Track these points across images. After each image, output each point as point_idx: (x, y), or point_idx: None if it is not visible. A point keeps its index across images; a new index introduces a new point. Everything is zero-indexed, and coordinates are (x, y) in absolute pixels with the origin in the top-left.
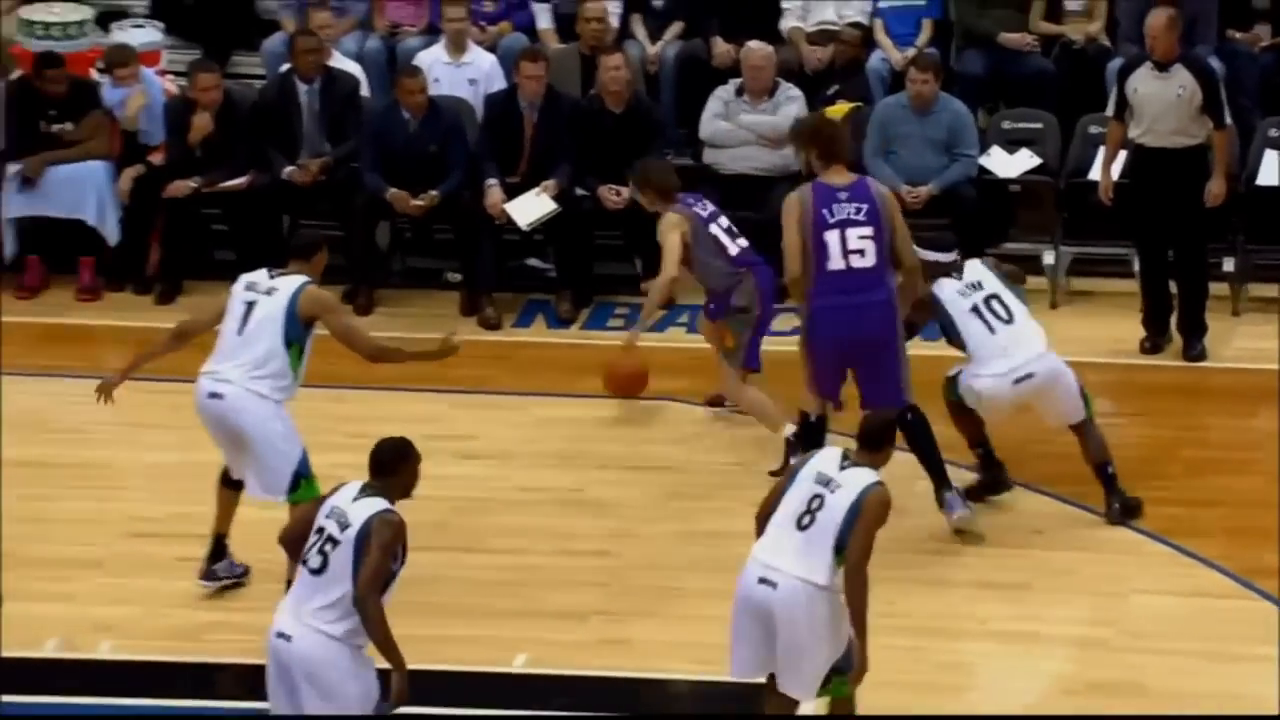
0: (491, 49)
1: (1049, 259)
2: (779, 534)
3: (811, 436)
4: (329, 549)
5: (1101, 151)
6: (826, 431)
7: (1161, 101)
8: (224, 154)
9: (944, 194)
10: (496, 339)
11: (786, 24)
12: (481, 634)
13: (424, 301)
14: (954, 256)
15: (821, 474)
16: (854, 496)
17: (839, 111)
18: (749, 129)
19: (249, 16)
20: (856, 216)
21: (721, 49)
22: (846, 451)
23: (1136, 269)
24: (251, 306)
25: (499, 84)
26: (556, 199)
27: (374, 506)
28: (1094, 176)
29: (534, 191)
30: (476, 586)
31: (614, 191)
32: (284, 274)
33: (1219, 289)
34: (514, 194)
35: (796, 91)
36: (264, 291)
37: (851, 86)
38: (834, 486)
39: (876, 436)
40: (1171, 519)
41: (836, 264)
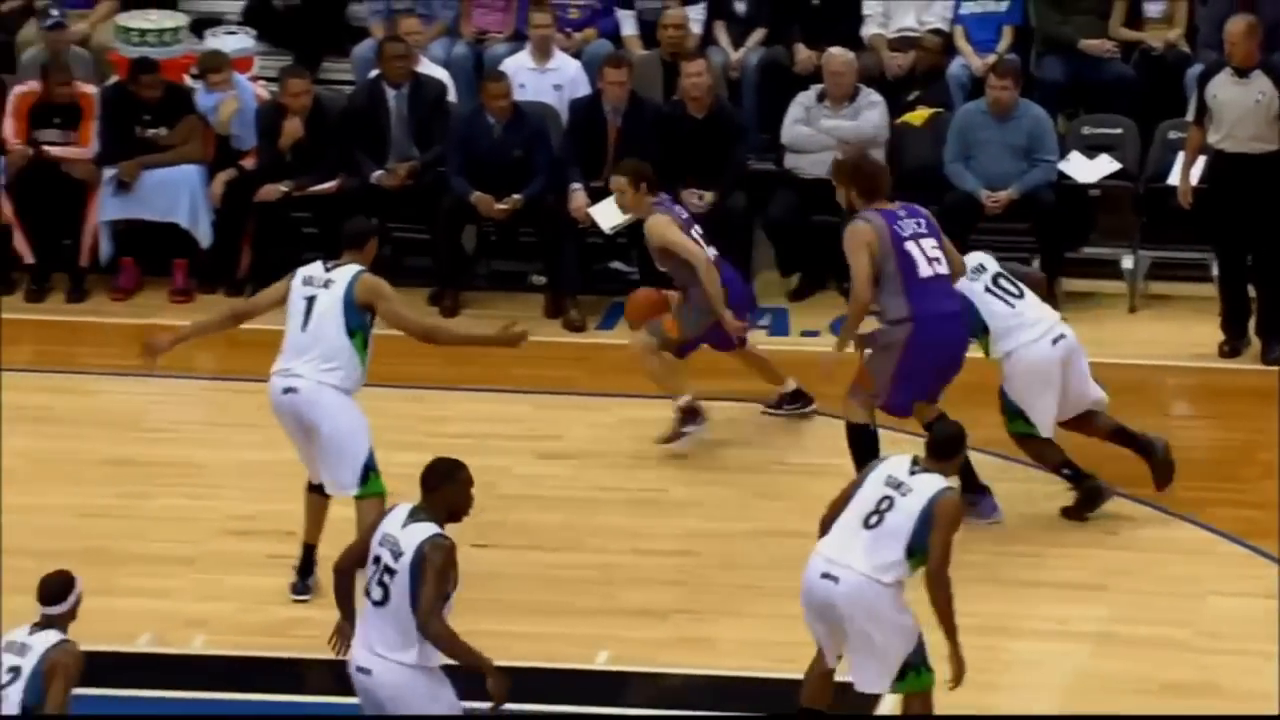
0: (576, 55)
1: (1128, 263)
2: (844, 532)
3: (869, 445)
4: (388, 579)
5: (1180, 157)
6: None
7: (1240, 107)
8: (314, 158)
9: (1024, 199)
10: (580, 341)
11: (868, 30)
12: (563, 631)
13: (509, 304)
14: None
15: (892, 477)
16: (925, 501)
17: (919, 117)
18: (829, 134)
19: (339, 23)
20: (920, 229)
21: (803, 55)
22: (916, 457)
23: (1215, 273)
24: (312, 301)
25: (583, 90)
26: None
27: (425, 532)
28: (1173, 181)
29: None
30: (558, 584)
31: (697, 195)
32: (338, 265)
33: None
34: (597, 198)
35: (877, 97)
36: (321, 285)
37: (932, 92)
38: (905, 490)
39: (946, 446)
40: (1248, 521)
41: (925, 271)
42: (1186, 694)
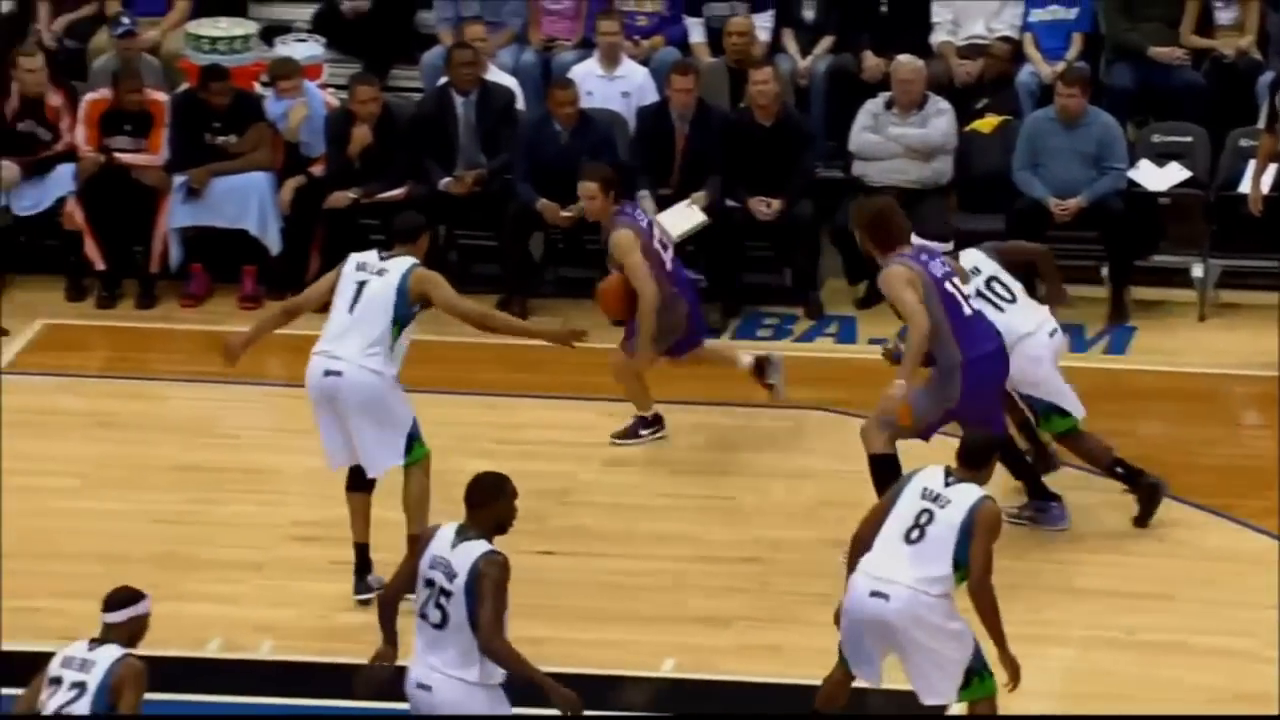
0: (644, 62)
1: (1198, 272)
2: (886, 548)
3: (894, 475)
4: (444, 602)
5: (1251, 164)
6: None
7: None
8: (382, 165)
9: (1093, 207)
10: None
11: (937, 38)
12: (629, 638)
13: (576, 311)
14: (950, 246)
15: (929, 490)
16: (965, 511)
17: (987, 125)
18: (897, 141)
19: (408, 30)
20: (948, 268)
21: (872, 63)
22: (949, 468)
23: None
24: (363, 286)
25: (651, 97)
26: (706, 210)
27: (477, 550)
28: (1244, 189)
29: (684, 203)
30: (625, 591)
31: (764, 203)
32: (392, 256)
33: None
34: (665, 205)
35: (946, 105)
36: (375, 272)
37: (1000, 100)
38: (943, 502)
39: (979, 455)
40: None
41: (967, 311)
42: (1258, 704)
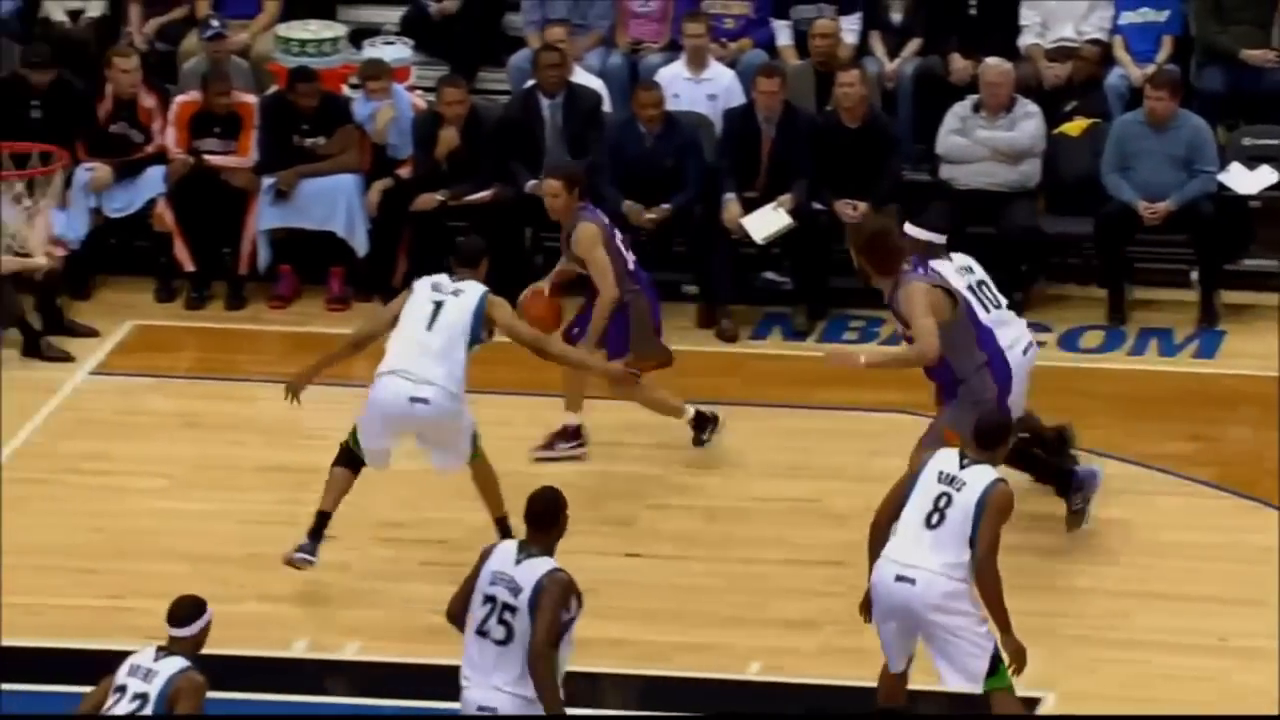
0: (731, 65)
1: None
2: (908, 533)
3: None
4: (510, 617)
5: None
6: None
7: None
8: (469, 168)
9: (1182, 210)
10: (733, 350)
11: (1025, 41)
12: (715, 641)
13: (663, 313)
14: (944, 239)
15: (945, 473)
16: (979, 492)
17: (1076, 128)
18: (985, 145)
19: (496, 33)
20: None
21: (959, 65)
22: (963, 450)
23: None
24: (440, 306)
25: (738, 99)
26: (793, 213)
27: (542, 567)
28: None
29: (770, 206)
30: (711, 594)
31: (851, 206)
32: (462, 279)
33: None
34: (751, 208)
35: (1034, 107)
36: (450, 293)
37: (1089, 103)
38: (959, 484)
39: (992, 436)
40: None
41: (984, 316)
42: None
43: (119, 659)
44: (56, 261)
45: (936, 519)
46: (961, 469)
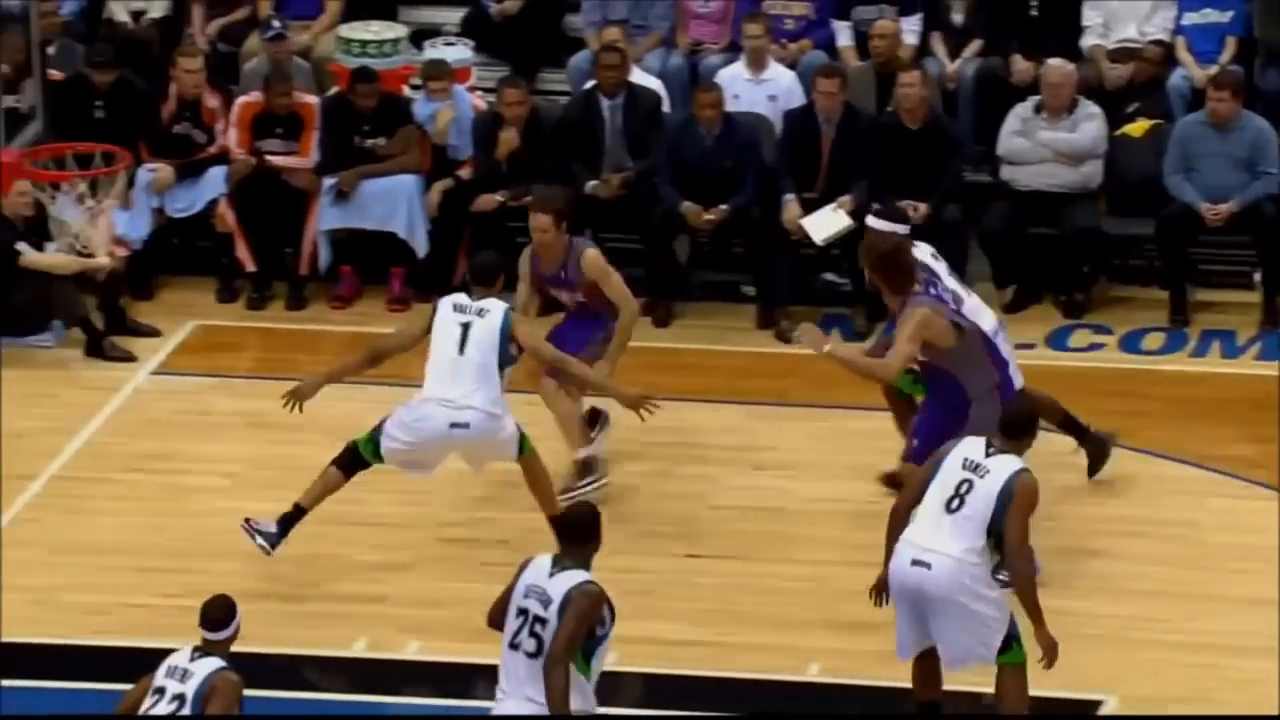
0: (792, 66)
1: None
2: (928, 518)
3: None
4: (540, 629)
5: None
6: None
7: None
8: (529, 168)
9: (1245, 212)
10: (792, 352)
11: (1087, 41)
12: (775, 642)
13: (721, 315)
14: (907, 230)
15: (969, 460)
16: (1003, 481)
17: (1138, 129)
18: (1047, 146)
19: (556, 34)
20: (952, 287)
21: (1021, 66)
22: (990, 439)
23: None
24: (467, 328)
25: (798, 100)
26: (852, 214)
27: (574, 578)
28: None
29: (830, 207)
30: (772, 595)
31: (911, 207)
32: (483, 297)
33: None
34: (811, 209)
35: (1096, 109)
36: (475, 313)
37: (1151, 104)
38: (982, 472)
39: (1020, 426)
40: None
41: (989, 323)
42: None
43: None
44: (119, 261)
45: (957, 504)
46: (987, 457)
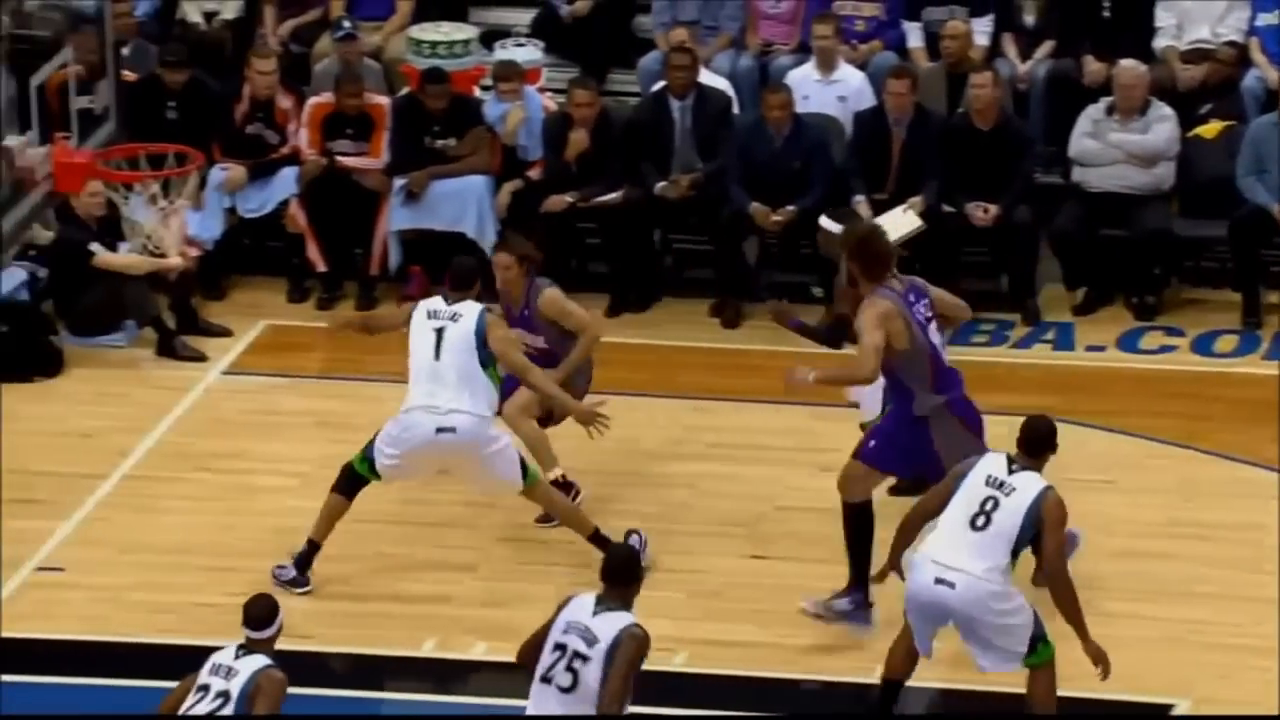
0: (862, 67)
1: None
2: (950, 534)
3: (869, 520)
4: (578, 665)
5: None
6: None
7: None
8: (599, 169)
9: None
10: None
11: (1160, 43)
12: (841, 644)
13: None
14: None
15: (993, 477)
16: (1030, 499)
17: (1211, 131)
18: (1119, 147)
19: (626, 35)
20: (929, 314)
21: (1093, 67)
22: (1010, 455)
23: None
24: (441, 333)
25: (868, 101)
26: (923, 215)
27: (623, 620)
28: None
29: (901, 208)
30: None
31: (981, 208)
32: (458, 300)
33: None
34: (881, 210)
35: (1168, 110)
36: (448, 318)
37: (1225, 105)
38: (1008, 490)
39: (1042, 441)
40: None
41: (945, 357)
42: None
43: None
44: (191, 262)
45: (982, 521)
46: (1010, 474)
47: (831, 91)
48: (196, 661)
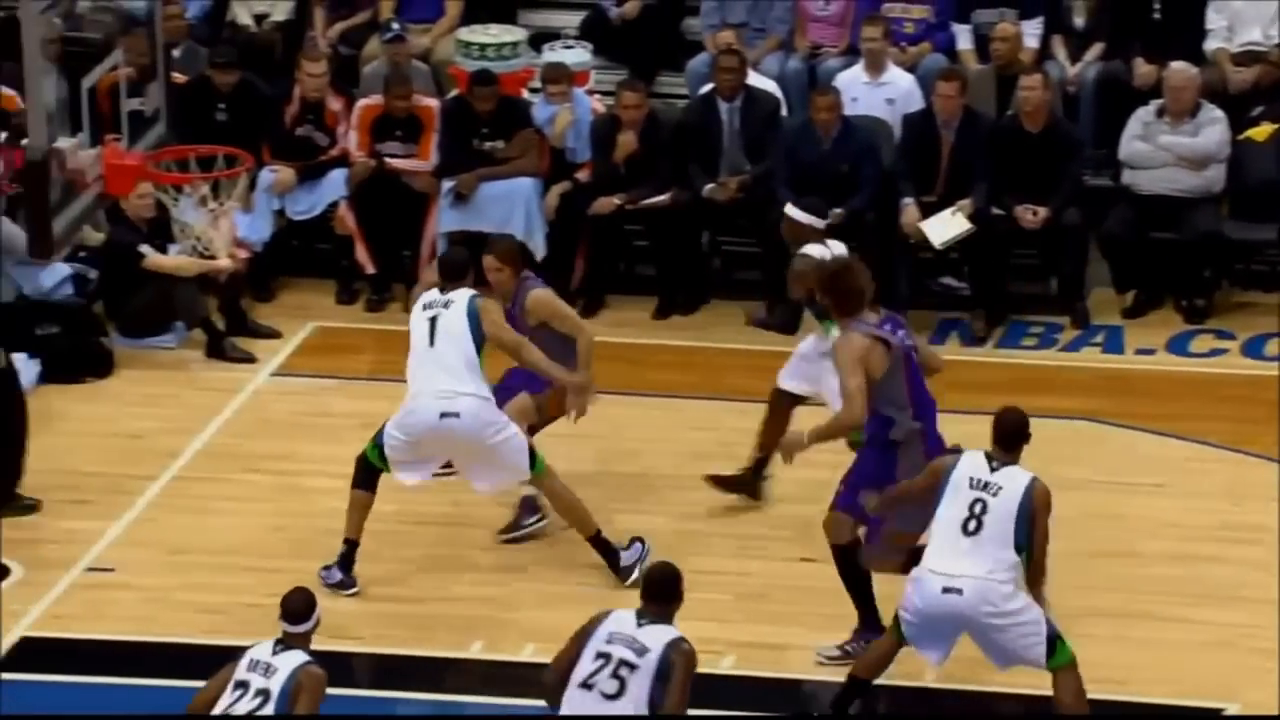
0: (911, 69)
1: None
2: (946, 544)
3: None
4: (625, 673)
5: None
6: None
7: None
8: (647, 171)
9: None
10: None
11: (1211, 45)
12: None
13: None
14: (825, 224)
15: (975, 479)
16: (1020, 495)
17: (1262, 133)
18: (1169, 150)
19: (675, 37)
20: (910, 342)
21: (1144, 70)
22: (988, 453)
23: None
24: (435, 320)
25: (917, 104)
26: (971, 218)
27: (669, 633)
28: None
29: (949, 211)
30: (886, 601)
31: (1030, 211)
32: (451, 292)
33: None
34: (930, 213)
35: (1219, 113)
36: (442, 305)
37: (1276, 108)
38: (994, 489)
39: (1017, 435)
40: None
41: (923, 389)
42: None
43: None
44: (240, 263)
45: (974, 526)
46: (992, 472)
47: (880, 94)
48: None
